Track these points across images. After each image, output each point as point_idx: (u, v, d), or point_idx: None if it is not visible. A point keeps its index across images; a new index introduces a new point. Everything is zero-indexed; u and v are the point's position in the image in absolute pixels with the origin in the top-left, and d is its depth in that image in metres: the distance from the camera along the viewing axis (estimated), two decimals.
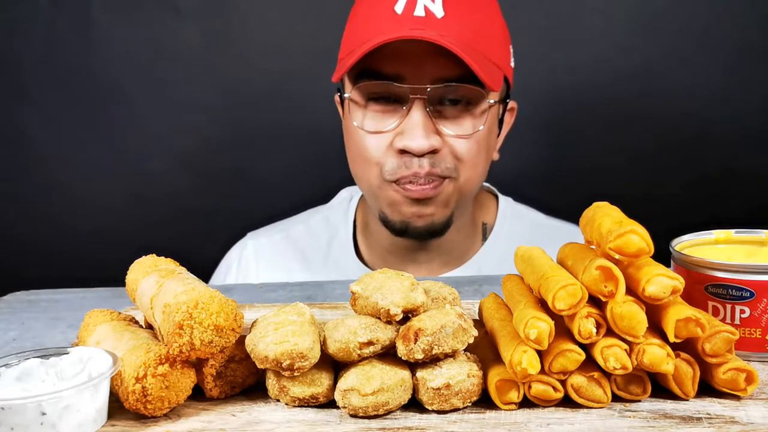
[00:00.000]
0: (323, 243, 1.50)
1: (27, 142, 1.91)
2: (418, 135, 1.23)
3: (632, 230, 0.75)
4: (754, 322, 0.83)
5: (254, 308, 1.15)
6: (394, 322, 0.80)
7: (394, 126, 1.27)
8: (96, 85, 1.87)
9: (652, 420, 0.73)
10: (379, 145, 1.28)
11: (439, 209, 1.31)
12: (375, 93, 1.28)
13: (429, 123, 1.25)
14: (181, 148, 1.89)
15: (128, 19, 1.84)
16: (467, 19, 1.25)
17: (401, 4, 1.24)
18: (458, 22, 1.24)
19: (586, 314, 0.75)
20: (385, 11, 1.25)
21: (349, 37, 1.32)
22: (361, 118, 1.29)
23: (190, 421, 0.78)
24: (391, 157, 1.28)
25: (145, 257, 0.98)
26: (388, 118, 1.28)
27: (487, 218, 1.48)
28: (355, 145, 1.32)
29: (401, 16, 1.23)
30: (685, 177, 1.81)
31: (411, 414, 0.77)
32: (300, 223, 1.56)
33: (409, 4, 1.23)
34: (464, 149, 1.28)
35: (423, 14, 1.23)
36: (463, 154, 1.28)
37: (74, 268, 1.88)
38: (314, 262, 1.49)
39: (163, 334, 0.81)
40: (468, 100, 1.28)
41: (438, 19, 1.23)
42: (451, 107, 1.27)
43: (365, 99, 1.29)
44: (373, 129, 1.28)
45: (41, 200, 1.93)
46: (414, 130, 1.24)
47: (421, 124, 1.24)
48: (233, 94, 1.86)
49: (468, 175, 1.30)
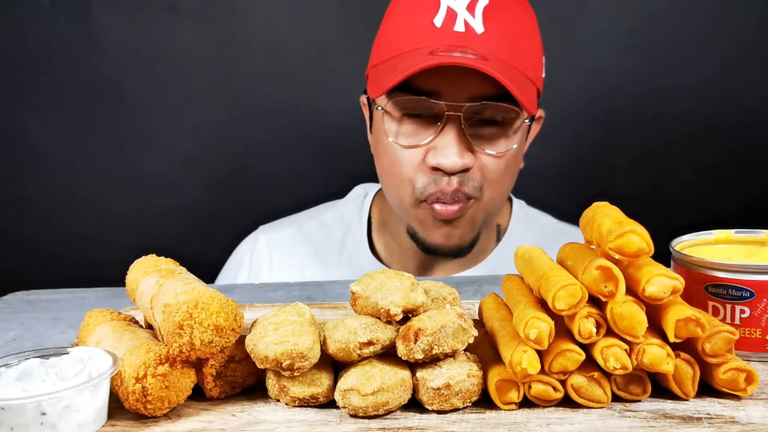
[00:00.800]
0: (337, 239, 1.49)
1: (27, 142, 1.91)
2: (451, 153, 1.22)
3: (632, 230, 0.75)
4: (754, 322, 0.83)
5: (254, 308, 1.15)
6: (394, 322, 0.80)
7: (428, 141, 1.25)
8: (96, 85, 1.87)
9: (652, 420, 0.73)
10: (412, 160, 1.27)
11: (466, 231, 1.32)
12: (410, 108, 1.26)
13: (463, 141, 1.24)
14: (182, 148, 1.89)
15: (128, 19, 1.84)
16: (507, 34, 1.24)
17: (440, 17, 1.22)
18: (498, 38, 1.22)
19: (586, 314, 0.75)
20: (424, 23, 1.23)
21: (385, 44, 1.30)
22: (395, 132, 1.27)
23: (190, 421, 0.78)
24: (423, 174, 1.27)
25: (145, 257, 0.98)
26: (422, 132, 1.26)
27: (501, 220, 1.49)
28: (388, 159, 1.30)
29: (440, 30, 1.22)
30: (685, 177, 1.81)
31: (411, 414, 0.77)
32: (313, 218, 1.55)
33: (449, 18, 1.22)
34: (493, 168, 1.27)
35: (463, 29, 1.21)
36: (491, 173, 1.27)
37: (74, 268, 1.88)
38: (327, 258, 1.48)
39: (163, 334, 0.81)
40: (503, 118, 1.26)
41: (478, 35, 1.21)
42: (486, 126, 1.26)
43: (400, 113, 1.27)
44: (407, 144, 1.27)
45: (41, 200, 1.93)
46: (448, 147, 1.23)
47: (455, 142, 1.23)
48: (233, 93, 1.86)
49: (491, 194, 1.30)
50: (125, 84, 1.87)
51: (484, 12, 1.22)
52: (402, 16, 1.28)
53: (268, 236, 1.54)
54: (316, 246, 1.50)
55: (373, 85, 1.28)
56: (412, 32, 1.24)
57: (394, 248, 1.45)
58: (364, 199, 1.51)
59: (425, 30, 1.23)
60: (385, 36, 1.31)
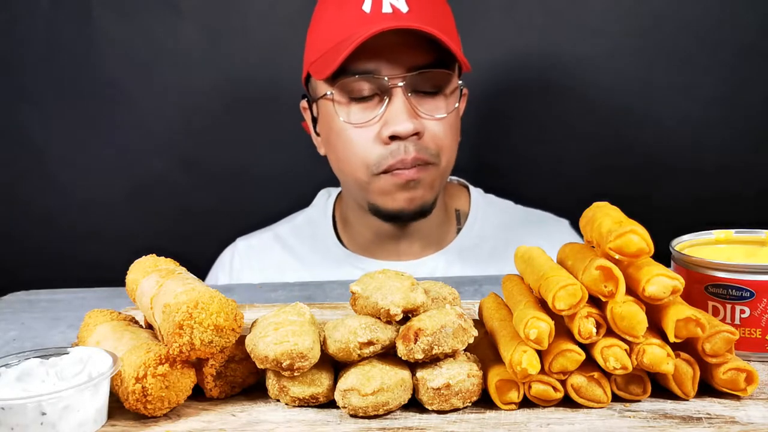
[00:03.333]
0: (308, 237, 1.58)
1: (27, 142, 1.91)
2: (403, 119, 1.31)
3: (632, 230, 0.75)
4: (754, 322, 0.83)
5: (254, 308, 1.15)
6: (394, 322, 0.80)
7: (379, 117, 1.33)
8: (96, 85, 1.87)
9: (652, 420, 0.73)
10: (366, 137, 1.34)
11: (426, 191, 1.39)
12: (356, 91, 1.34)
13: (410, 108, 1.33)
14: (181, 148, 1.89)
15: (128, 19, 1.84)
16: (430, 11, 1.34)
17: (368, 4, 1.32)
18: (422, 14, 1.32)
19: (586, 314, 0.75)
20: (354, 11, 1.33)
21: (318, 40, 1.39)
22: (347, 114, 1.35)
23: (190, 421, 0.78)
24: (378, 148, 1.34)
25: (145, 257, 0.98)
26: (372, 111, 1.34)
27: (459, 206, 1.57)
28: (341, 144, 1.37)
29: (370, 15, 1.31)
30: (684, 177, 1.81)
31: (411, 414, 0.78)
32: (285, 223, 1.64)
33: (376, 3, 1.32)
34: (442, 133, 1.36)
35: (390, 11, 1.31)
36: (442, 138, 1.36)
37: (74, 268, 1.88)
38: (302, 255, 1.56)
39: (163, 334, 0.81)
40: (440, 84, 1.36)
41: (404, 13, 1.31)
42: (425, 94, 1.35)
43: (347, 98, 1.35)
44: (359, 122, 1.34)
45: (41, 200, 1.93)
46: (399, 115, 1.31)
47: (405, 109, 1.32)
48: (233, 93, 1.86)
49: (447, 158, 1.39)
50: (125, 84, 1.86)
51: None
52: (332, 11, 1.37)
53: (245, 243, 1.62)
54: (291, 247, 1.58)
55: (318, 71, 1.35)
56: (344, 22, 1.33)
57: (358, 239, 1.52)
58: (327, 200, 1.60)
59: (356, 17, 1.32)
60: (317, 32, 1.40)
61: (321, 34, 1.38)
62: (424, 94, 1.35)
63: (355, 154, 1.36)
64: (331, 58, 1.32)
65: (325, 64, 1.33)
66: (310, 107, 1.46)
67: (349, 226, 1.54)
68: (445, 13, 1.39)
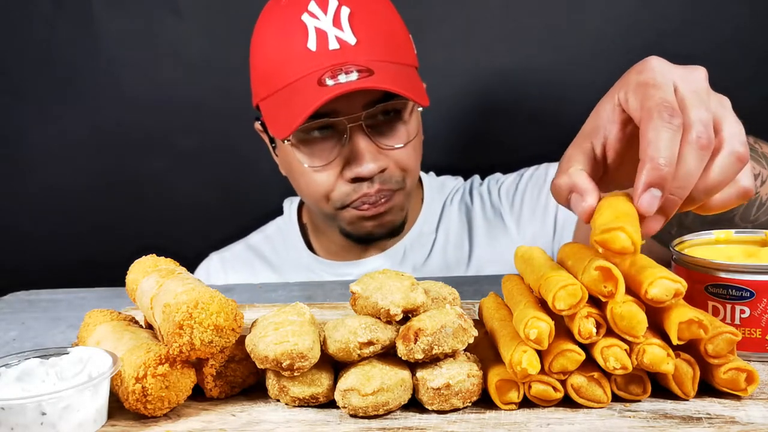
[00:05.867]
0: (280, 247, 1.59)
1: (27, 142, 1.91)
2: (366, 160, 1.29)
3: (621, 227, 0.73)
4: (754, 322, 0.83)
5: (254, 308, 1.15)
6: (394, 322, 0.80)
7: (341, 156, 1.31)
8: (96, 84, 1.87)
9: (652, 420, 0.73)
10: (328, 177, 1.33)
11: (395, 215, 1.40)
12: (312, 134, 1.31)
13: (372, 146, 1.30)
14: (181, 148, 1.89)
15: (128, 19, 1.84)
16: (377, 33, 1.30)
17: (312, 41, 1.27)
18: (371, 42, 1.28)
19: (586, 314, 0.75)
20: (299, 50, 1.27)
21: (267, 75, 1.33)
22: (307, 158, 1.33)
23: (190, 421, 0.78)
24: (342, 185, 1.33)
25: (145, 257, 0.98)
26: (331, 149, 1.32)
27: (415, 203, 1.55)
28: (304, 182, 1.37)
29: (317, 53, 1.26)
30: None
31: (411, 414, 0.77)
32: (256, 234, 1.66)
33: (321, 40, 1.26)
34: (405, 159, 1.35)
35: (338, 46, 1.26)
36: (407, 164, 1.35)
37: (74, 268, 1.88)
38: (275, 262, 1.58)
39: (163, 334, 0.81)
40: (398, 111, 1.33)
41: (353, 46, 1.26)
42: (385, 122, 1.32)
43: (304, 141, 1.33)
44: (320, 164, 1.32)
45: (41, 200, 1.93)
46: (360, 157, 1.29)
47: (366, 150, 1.29)
48: (233, 93, 1.86)
49: (413, 178, 1.39)
50: (125, 84, 1.87)
51: (350, 21, 1.27)
52: (275, 46, 1.32)
53: (219, 256, 1.64)
54: (264, 257, 1.60)
55: (274, 124, 1.32)
56: (291, 61, 1.28)
57: (330, 245, 1.53)
58: (291, 207, 1.61)
59: (303, 56, 1.27)
60: (263, 67, 1.35)
61: (267, 68, 1.34)
62: (384, 125, 1.32)
63: (317, 192, 1.35)
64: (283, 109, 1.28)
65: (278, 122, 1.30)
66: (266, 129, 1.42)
67: (319, 232, 1.54)
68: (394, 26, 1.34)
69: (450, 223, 1.52)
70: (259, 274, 1.57)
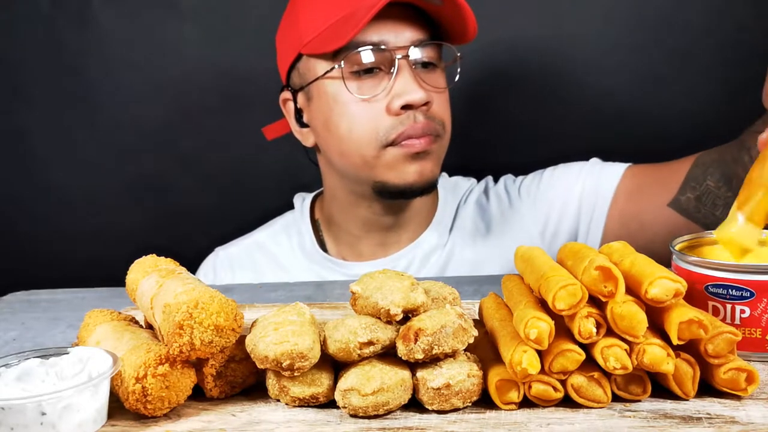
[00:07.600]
0: (287, 242, 1.57)
1: (27, 142, 1.91)
2: (414, 89, 1.31)
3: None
4: (754, 322, 0.83)
5: (254, 308, 1.15)
6: (394, 322, 0.80)
7: (387, 90, 1.32)
8: (96, 85, 1.87)
9: (652, 420, 0.73)
10: (374, 110, 1.33)
11: (435, 165, 1.38)
12: (361, 63, 1.32)
13: (419, 79, 1.33)
14: (181, 147, 1.89)
15: (128, 19, 1.84)
16: None
17: None
18: None
19: (586, 314, 0.75)
20: None
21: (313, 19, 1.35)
22: (356, 88, 1.33)
23: (190, 421, 0.78)
24: (388, 120, 1.33)
25: (145, 257, 0.98)
26: (377, 85, 1.33)
27: None
28: (347, 119, 1.34)
29: None
30: None
31: (411, 414, 0.78)
32: (263, 230, 1.63)
33: None
34: (443, 106, 1.38)
35: None
36: (444, 111, 1.38)
37: (74, 268, 1.88)
38: (284, 263, 1.55)
39: (163, 334, 0.81)
40: (437, 58, 1.38)
41: None
42: (426, 67, 1.36)
43: (352, 72, 1.33)
44: (368, 95, 1.33)
45: (41, 200, 1.93)
46: (410, 85, 1.31)
47: (414, 80, 1.32)
48: (233, 93, 1.86)
49: (448, 133, 1.40)
50: (125, 84, 1.86)
51: None
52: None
53: (225, 252, 1.61)
54: (272, 254, 1.57)
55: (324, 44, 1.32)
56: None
57: (346, 239, 1.51)
58: (303, 202, 1.59)
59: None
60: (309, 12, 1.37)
61: (316, 14, 1.36)
62: (424, 68, 1.35)
63: (363, 128, 1.33)
64: (338, 32, 1.30)
65: (330, 39, 1.31)
66: (294, 98, 1.44)
67: (334, 225, 1.52)
68: None
69: (465, 223, 1.52)
70: (267, 272, 1.55)
